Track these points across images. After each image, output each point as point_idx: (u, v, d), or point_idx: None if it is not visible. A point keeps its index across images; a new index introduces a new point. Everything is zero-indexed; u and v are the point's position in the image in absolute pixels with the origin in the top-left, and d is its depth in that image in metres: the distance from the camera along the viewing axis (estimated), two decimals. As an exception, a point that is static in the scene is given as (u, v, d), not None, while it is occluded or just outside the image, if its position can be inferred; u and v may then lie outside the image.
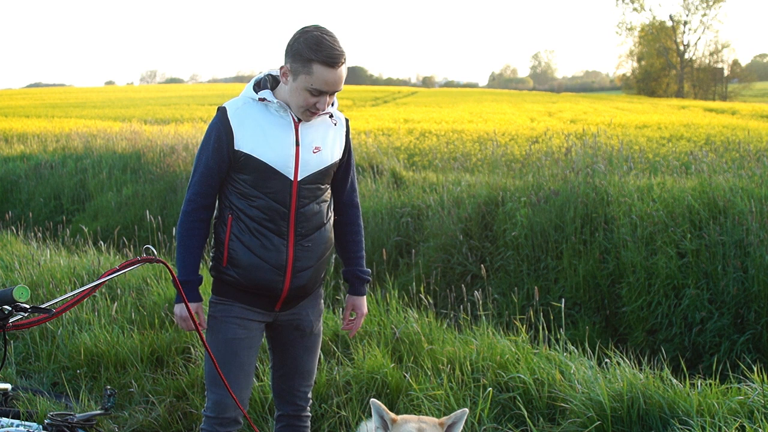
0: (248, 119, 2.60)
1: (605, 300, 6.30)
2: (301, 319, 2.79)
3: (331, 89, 2.53)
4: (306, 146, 2.62)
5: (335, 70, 2.49)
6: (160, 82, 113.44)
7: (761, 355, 5.19)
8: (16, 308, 1.99)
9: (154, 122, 19.71)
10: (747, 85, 56.10)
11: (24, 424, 3.12)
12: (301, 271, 2.67)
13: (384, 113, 23.66)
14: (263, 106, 2.62)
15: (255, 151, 2.58)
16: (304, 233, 2.65)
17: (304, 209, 2.64)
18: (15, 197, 12.67)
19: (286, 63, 2.55)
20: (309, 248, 2.67)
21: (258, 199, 2.60)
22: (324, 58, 2.46)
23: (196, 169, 2.66)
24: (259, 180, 2.59)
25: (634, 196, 6.80)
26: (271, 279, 2.63)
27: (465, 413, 2.36)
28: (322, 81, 2.49)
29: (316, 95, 2.52)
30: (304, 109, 2.57)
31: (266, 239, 2.61)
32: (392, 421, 2.33)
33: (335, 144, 2.73)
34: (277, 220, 2.61)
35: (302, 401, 2.89)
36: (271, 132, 2.60)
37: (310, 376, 2.90)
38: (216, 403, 2.69)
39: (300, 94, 2.54)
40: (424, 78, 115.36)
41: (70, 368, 4.50)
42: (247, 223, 2.61)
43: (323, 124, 2.69)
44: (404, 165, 10.90)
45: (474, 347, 3.98)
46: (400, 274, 7.41)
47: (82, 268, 6.02)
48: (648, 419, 3.25)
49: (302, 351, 2.84)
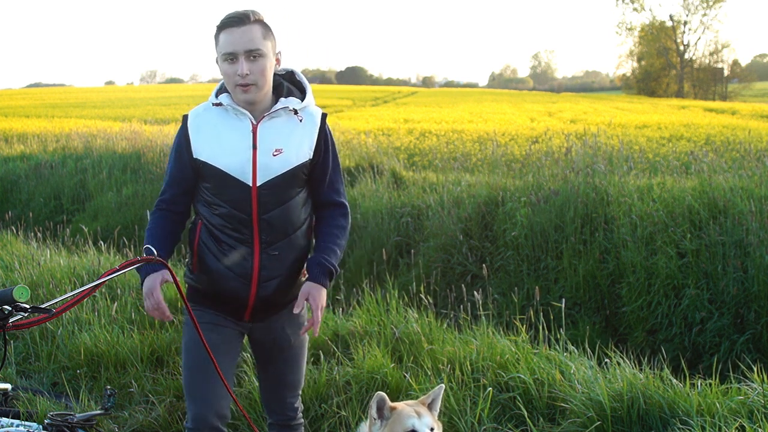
0: (205, 125, 2.52)
1: (605, 300, 6.30)
2: (276, 334, 2.68)
3: (241, 48, 2.40)
4: (264, 149, 2.48)
5: (238, 28, 2.40)
6: (160, 82, 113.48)
7: (761, 355, 5.19)
8: (16, 308, 1.98)
9: (154, 122, 19.69)
10: (747, 85, 56.09)
11: (24, 424, 3.12)
12: (268, 280, 2.55)
13: (384, 113, 23.66)
14: (222, 110, 2.52)
15: (211, 158, 2.49)
16: (269, 241, 2.52)
17: (267, 216, 2.50)
18: (15, 197, 12.66)
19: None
20: (277, 257, 2.54)
21: (219, 207, 2.51)
22: (223, 22, 2.43)
23: (165, 179, 2.63)
24: (218, 187, 2.50)
25: (634, 196, 6.80)
26: (236, 288, 2.54)
27: (441, 388, 2.45)
28: (227, 43, 2.41)
29: (231, 61, 2.42)
30: (234, 84, 2.45)
31: (230, 247, 2.52)
32: (392, 410, 2.36)
33: (302, 144, 2.55)
34: (240, 228, 2.50)
35: (291, 411, 2.82)
36: (226, 137, 2.49)
37: (295, 387, 2.81)
38: (195, 416, 2.57)
39: (222, 70, 2.47)
40: (424, 78, 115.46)
41: (70, 368, 4.49)
42: (213, 231, 2.54)
43: (288, 124, 2.54)
44: (404, 165, 10.89)
45: (474, 347, 3.98)
46: (400, 274, 7.41)
47: (82, 268, 6.02)
48: (648, 419, 3.25)
49: (283, 365, 2.75)
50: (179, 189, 2.58)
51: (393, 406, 2.36)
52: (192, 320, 2.48)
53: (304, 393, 3.78)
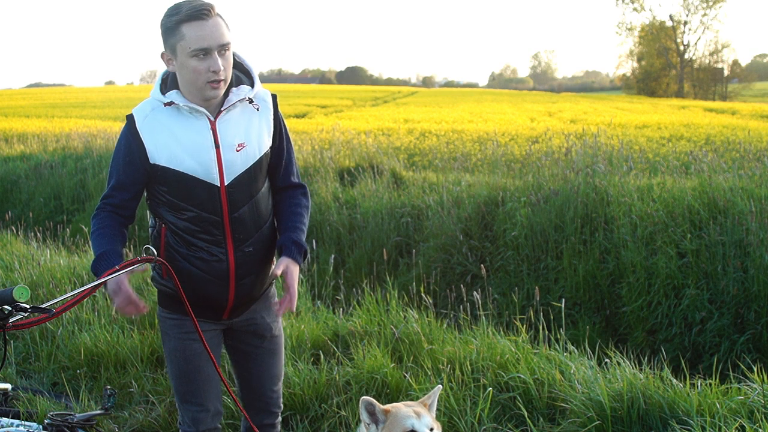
0: (159, 127, 2.35)
1: (605, 300, 6.30)
2: (257, 325, 2.63)
3: (215, 43, 2.24)
4: (227, 146, 2.36)
5: (206, 21, 2.22)
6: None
7: (761, 355, 5.19)
8: (16, 308, 1.99)
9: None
10: (747, 85, 56.13)
11: (24, 424, 3.12)
12: (244, 277, 2.48)
13: (384, 113, 23.66)
14: (174, 109, 2.35)
15: (172, 162, 2.33)
16: (243, 238, 2.44)
17: (237, 213, 2.41)
18: (15, 197, 12.67)
19: (164, 49, 2.31)
20: (251, 253, 2.47)
21: (187, 212, 2.38)
22: (188, 14, 2.22)
23: (108, 183, 2.45)
24: (183, 191, 2.36)
25: (634, 196, 6.80)
26: (214, 290, 2.46)
27: (439, 389, 2.43)
28: (197, 37, 2.22)
29: (204, 57, 2.24)
30: (203, 81, 2.26)
31: (203, 251, 2.42)
32: (385, 413, 2.28)
33: (262, 133, 2.44)
34: (211, 230, 2.40)
35: (274, 407, 2.76)
36: (185, 138, 2.34)
37: (278, 379, 2.76)
38: (193, 419, 2.57)
39: (188, 67, 2.26)
40: (424, 78, 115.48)
41: (70, 368, 4.49)
42: (181, 235, 2.42)
43: (244, 114, 2.42)
44: (404, 165, 10.88)
45: (474, 347, 3.98)
46: (400, 274, 7.41)
47: (82, 268, 6.02)
48: (648, 419, 3.25)
49: (266, 356, 2.69)
50: (128, 194, 2.43)
51: (386, 409, 2.29)
52: (195, 326, 2.44)
53: (304, 393, 3.78)
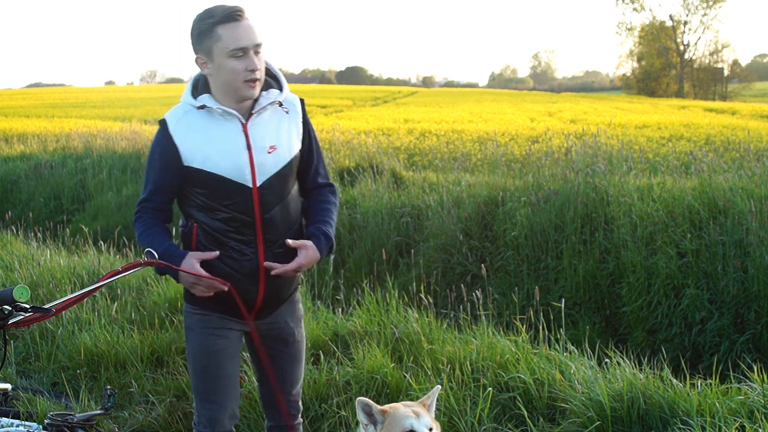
0: (192, 131, 2.43)
1: (605, 300, 6.30)
2: (281, 329, 2.69)
3: (251, 43, 2.34)
4: (259, 148, 2.44)
5: (240, 22, 2.33)
6: (160, 82, 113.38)
7: (761, 355, 5.19)
8: (16, 308, 1.99)
9: (154, 122, 19.67)
10: (747, 85, 56.11)
11: (24, 424, 3.12)
12: (275, 278, 2.54)
13: (384, 113, 23.65)
14: (206, 112, 2.44)
15: (206, 164, 2.42)
16: (273, 239, 2.51)
17: (269, 215, 2.49)
18: (15, 197, 12.67)
19: (198, 53, 2.40)
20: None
21: (220, 212, 2.46)
22: (223, 16, 2.33)
23: (145, 187, 2.54)
24: (216, 192, 2.44)
25: (634, 196, 6.80)
26: (245, 289, 2.52)
27: (438, 389, 2.43)
28: (235, 37, 2.32)
29: (241, 56, 2.34)
30: (242, 81, 2.36)
31: (235, 250, 2.49)
32: (383, 413, 2.26)
33: (291, 136, 2.53)
34: (243, 230, 2.47)
35: (293, 410, 2.82)
36: (218, 140, 2.42)
37: (298, 384, 2.82)
38: (211, 419, 2.60)
39: (227, 68, 2.35)
40: (424, 78, 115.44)
41: (70, 368, 4.50)
42: (213, 235, 2.49)
43: (274, 118, 2.50)
44: (404, 165, 10.89)
45: (474, 347, 3.98)
46: (400, 274, 7.41)
47: (82, 268, 6.02)
48: (648, 419, 3.25)
49: (287, 360, 2.75)
50: (165, 197, 2.52)
51: (384, 409, 2.27)
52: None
53: (304, 393, 3.78)
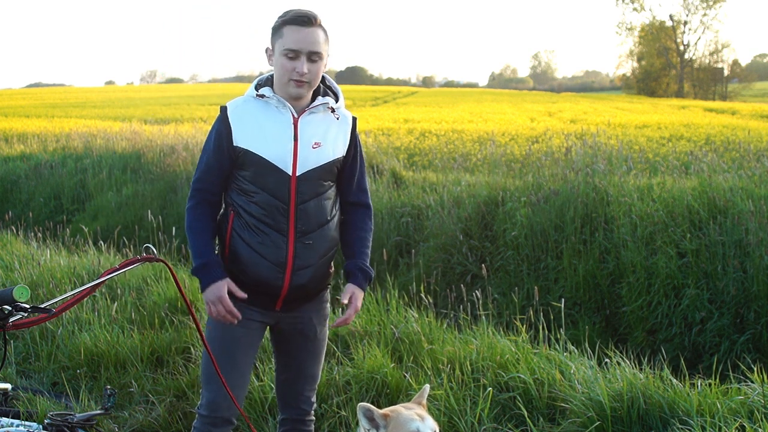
0: (247, 115, 2.61)
1: (605, 300, 6.30)
2: (304, 324, 2.76)
3: (305, 48, 2.52)
4: (305, 141, 2.60)
5: (305, 28, 2.51)
6: (160, 82, 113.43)
7: (761, 355, 5.19)
8: (16, 308, 1.99)
9: (154, 122, 19.71)
10: (747, 85, 56.09)
11: (24, 424, 3.12)
12: (301, 269, 2.62)
13: (384, 113, 23.66)
14: (263, 102, 2.62)
15: (253, 146, 2.57)
16: (305, 230, 2.61)
17: (303, 205, 2.60)
18: (15, 197, 12.67)
19: (270, 45, 2.62)
20: (310, 246, 2.62)
21: (257, 195, 2.58)
22: (291, 18, 2.52)
23: (198, 168, 2.68)
24: (257, 175, 2.58)
25: (634, 196, 6.80)
26: (271, 276, 2.59)
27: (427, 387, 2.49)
28: (293, 39, 2.50)
29: (293, 58, 2.52)
30: (287, 79, 2.55)
31: (265, 236, 2.58)
32: (384, 417, 2.26)
33: (337, 140, 2.69)
34: (276, 215, 2.58)
35: (306, 405, 2.86)
36: (268, 127, 2.59)
37: (314, 381, 2.87)
38: (210, 402, 2.66)
39: (279, 63, 2.56)
40: (424, 78, 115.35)
41: (70, 368, 4.50)
42: (247, 219, 2.59)
43: (325, 120, 2.67)
44: (404, 165, 10.90)
45: (474, 347, 3.98)
46: (400, 274, 7.42)
47: (82, 268, 6.02)
48: (648, 419, 3.25)
49: (306, 356, 2.81)
50: (216, 177, 2.65)
51: (385, 413, 2.27)
52: (195, 321, 2.50)
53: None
